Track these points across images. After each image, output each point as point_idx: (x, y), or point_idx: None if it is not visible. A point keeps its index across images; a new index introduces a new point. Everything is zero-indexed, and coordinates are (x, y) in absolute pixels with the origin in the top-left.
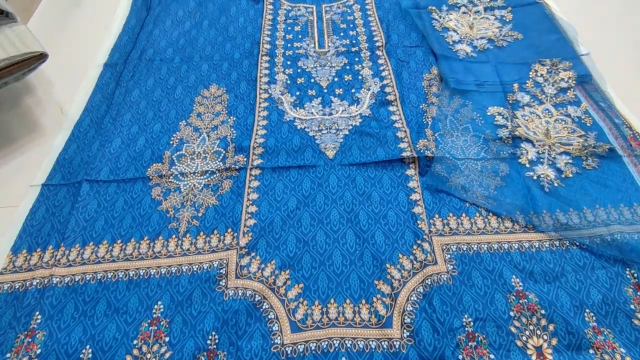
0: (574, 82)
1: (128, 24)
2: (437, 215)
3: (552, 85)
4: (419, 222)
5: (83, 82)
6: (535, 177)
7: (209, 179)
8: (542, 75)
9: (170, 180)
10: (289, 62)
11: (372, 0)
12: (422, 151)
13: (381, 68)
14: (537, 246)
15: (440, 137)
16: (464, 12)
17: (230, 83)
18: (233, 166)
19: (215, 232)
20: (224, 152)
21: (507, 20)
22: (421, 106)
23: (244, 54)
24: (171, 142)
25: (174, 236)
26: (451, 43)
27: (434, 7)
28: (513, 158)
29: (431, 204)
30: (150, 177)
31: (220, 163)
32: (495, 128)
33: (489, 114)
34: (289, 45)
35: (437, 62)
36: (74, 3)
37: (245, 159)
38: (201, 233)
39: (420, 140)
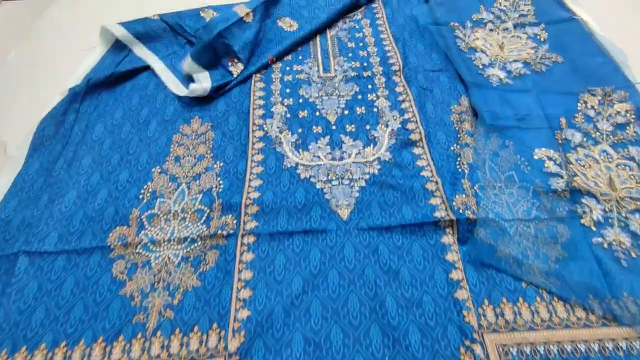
0: (633, 116)
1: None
2: (486, 302)
3: (606, 120)
4: (464, 312)
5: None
6: (605, 245)
7: (189, 249)
8: (593, 107)
9: (137, 251)
10: (288, 90)
11: (384, 15)
12: (460, 211)
13: (400, 98)
14: (624, 348)
15: (481, 190)
16: (491, 30)
17: (216, 116)
18: (220, 231)
19: (196, 329)
20: (207, 210)
21: (542, 39)
22: (452, 147)
23: (234, 81)
24: (141, 197)
25: (139, 335)
26: (481, 67)
27: (456, 24)
28: (574, 217)
29: (477, 284)
30: (112, 247)
31: (203, 226)
32: (546, 177)
33: (536, 157)
34: (287, 68)
35: (468, 91)
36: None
37: (235, 221)
38: (177, 330)
39: (456, 196)
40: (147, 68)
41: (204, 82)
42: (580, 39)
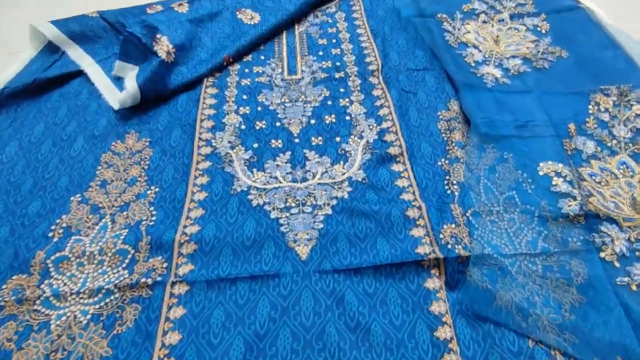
0: None
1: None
2: None
3: (623, 124)
4: None
5: None
6: (634, 287)
7: (102, 304)
8: (607, 109)
9: (35, 308)
10: (245, 96)
11: (362, 7)
12: (449, 246)
13: (378, 103)
14: None
15: (475, 216)
16: (485, 22)
17: (157, 130)
18: (144, 279)
19: None
20: (132, 251)
21: (544, 31)
22: (440, 163)
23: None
24: (51, 235)
25: None
26: (473, 64)
27: (444, 15)
28: (591, 250)
29: (471, 345)
30: (3, 303)
31: (125, 272)
32: (554, 198)
33: (541, 173)
34: (246, 70)
35: (458, 94)
36: None
37: (165, 265)
38: None
39: (444, 225)
40: (80, 73)
41: (129, 83)
42: (587, 30)
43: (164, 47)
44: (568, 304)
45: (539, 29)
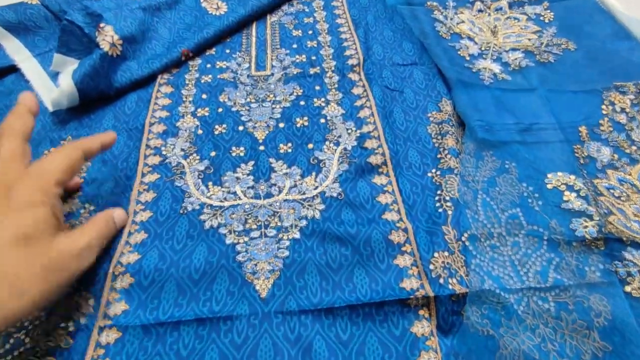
0: None
1: None
2: None
3: None
4: None
5: None
6: None
7: (8, 359)
8: (623, 110)
9: None
10: (204, 96)
11: None
12: (441, 280)
13: (358, 103)
14: None
15: (472, 241)
16: (480, 10)
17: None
18: (62, 324)
19: None
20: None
21: (547, 20)
22: (430, 174)
23: (133, 80)
24: None
25: None
26: (468, 58)
27: (434, 3)
28: (614, 283)
29: None
30: None
31: (40, 313)
32: (567, 217)
33: (549, 186)
34: (207, 65)
35: (451, 92)
36: None
37: (92, 303)
38: None
39: (435, 253)
40: (16, 69)
41: (64, 80)
42: (597, 19)
43: (107, 38)
44: (589, 354)
45: (541, 18)
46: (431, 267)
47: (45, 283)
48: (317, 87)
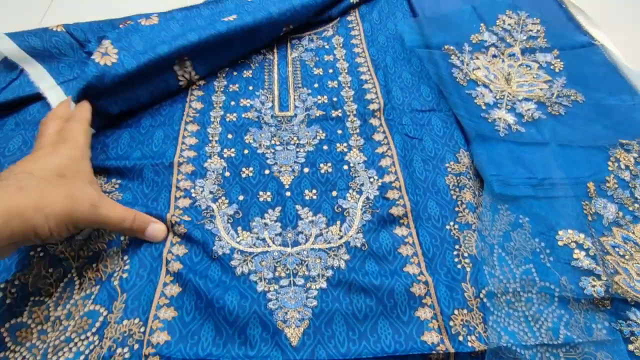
0: None
1: None
2: None
3: None
4: None
5: None
6: None
7: None
8: (627, 167)
9: None
10: (230, 136)
11: (361, 31)
12: (461, 338)
13: (379, 150)
14: None
15: (489, 298)
16: (495, 56)
17: (127, 170)
18: (118, 349)
19: None
20: (105, 313)
21: (557, 70)
22: (448, 227)
23: (156, 117)
24: (1, 295)
25: None
26: (484, 107)
27: (451, 47)
28: (618, 342)
29: None
30: None
31: (95, 339)
32: (576, 275)
33: (560, 243)
34: (232, 103)
35: (469, 146)
36: None
37: (142, 329)
38: None
39: (455, 310)
40: (41, 98)
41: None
42: (602, 72)
43: (102, 49)
44: None
45: (552, 67)
46: (451, 323)
47: (65, 212)
48: (339, 132)
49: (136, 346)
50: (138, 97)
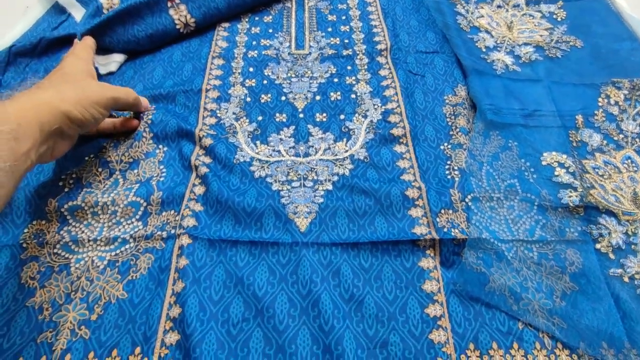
0: None
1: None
2: (472, 347)
3: (632, 119)
4: None
5: None
6: (626, 279)
7: (117, 252)
8: (617, 103)
9: (56, 251)
10: (251, 69)
11: None
12: (446, 229)
13: (384, 83)
14: None
15: (474, 202)
16: (499, 6)
17: (160, 93)
18: (159, 232)
19: (115, 353)
20: (144, 204)
21: (559, 19)
22: (442, 147)
23: (187, 53)
24: (61, 184)
25: (43, 359)
26: (484, 50)
27: None
28: (587, 241)
29: (462, 323)
30: (26, 245)
31: (139, 224)
32: (555, 188)
33: (544, 163)
34: (253, 42)
35: (467, 79)
36: None
37: (177, 218)
38: (90, 354)
39: (443, 210)
40: None
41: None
42: (605, 20)
43: None
44: (560, 291)
45: (554, 16)
46: (438, 219)
47: (81, 96)
48: (349, 67)
49: (172, 230)
50: (137, 39)
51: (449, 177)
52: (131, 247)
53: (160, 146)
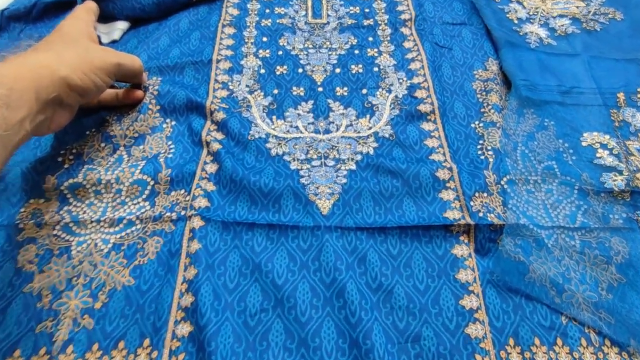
0: None
1: None
2: (512, 342)
3: None
4: (477, 357)
5: None
6: None
7: (123, 234)
8: None
9: (55, 233)
10: (265, 39)
11: None
12: (480, 214)
13: (409, 56)
14: None
15: (510, 185)
16: None
17: (166, 64)
18: (168, 214)
19: (121, 345)
20: (152, 182)
21: None
22: (473, 125)
23: (195, 21)
24: (61, 160)
25: (42, 351)
26: (515, 22)
27: None
28: (634, 229)
29: (501, 316)
30: (22, 226)
31: (146, 204)
32: (597, 171)
33: (584, 144)
34: (266, 10)
35: (498, 52)
36: None
37: (188, 198)
38: (94, 347)
39: (476, 193)
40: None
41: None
42: None
43: None
44: (606, 283)
45: None
46: (472, 203)
47: (82, 60)
48: (370, 39)
49: (182, 212)
50: (143, 6)
51: (481, 157)
52: (138, 230)
53: (168, 120)
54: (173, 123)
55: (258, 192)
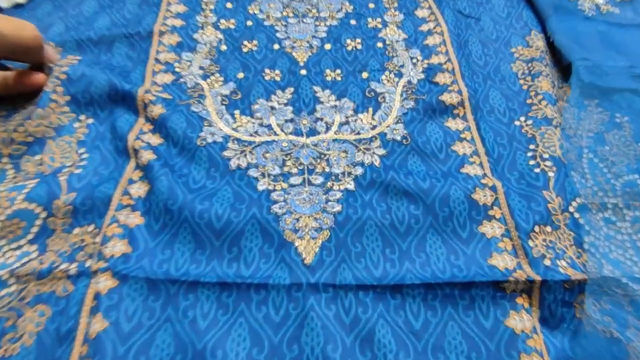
0: None
1: None
2: None
3: None
4: None
5: None
6: None
7: None
8: None
9: None
10: (229, 5)
11: None
12: (547, 262)
13: (424, 28)
14: None
15: (582, 212)
16: None
17: (89, 37)
18: (62, 265)
19: None
20: (43, 214)
21: None
22: (518, 122)
23: None
24: None
25: None
26: None
27: None
28: None
29: None
30: None
31: (32, 249)
32: None
33: None
34: None
35: (546, 22)
36: None
37: (96, 240)
38: None
39: (536, 227)
40: None
41: None
42: None
43: None
44: None
45: None
46: (530, 243)
47: None
48: (371, 5)
49: (88, 262)
50: None
51: (536, 170)
52: (11, 294)
53: (82, 117)
54: (89, 121)
55: (206, 228)
